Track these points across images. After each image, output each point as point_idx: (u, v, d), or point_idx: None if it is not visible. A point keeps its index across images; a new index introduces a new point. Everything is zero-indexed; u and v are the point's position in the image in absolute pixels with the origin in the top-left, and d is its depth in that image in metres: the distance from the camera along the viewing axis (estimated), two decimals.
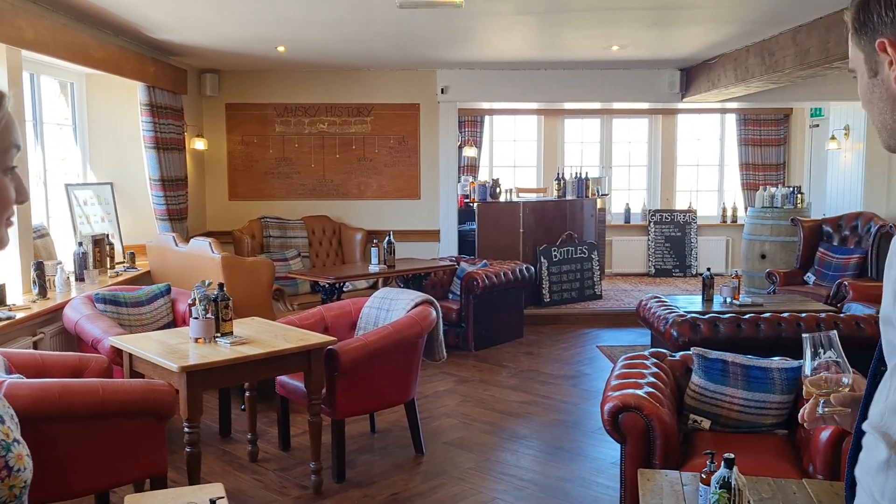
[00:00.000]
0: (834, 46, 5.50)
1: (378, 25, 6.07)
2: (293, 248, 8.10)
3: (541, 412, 5.58)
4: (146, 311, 5.16)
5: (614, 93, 8.94)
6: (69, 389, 3.26)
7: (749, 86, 7.38)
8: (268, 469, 4.52)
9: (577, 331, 8.12)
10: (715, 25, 6.18)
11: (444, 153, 8.80)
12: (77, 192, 6.48)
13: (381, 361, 4.38)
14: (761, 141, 11.08)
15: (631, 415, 3.37)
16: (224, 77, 8.56)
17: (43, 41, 4.92)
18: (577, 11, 5.65)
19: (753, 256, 9.25)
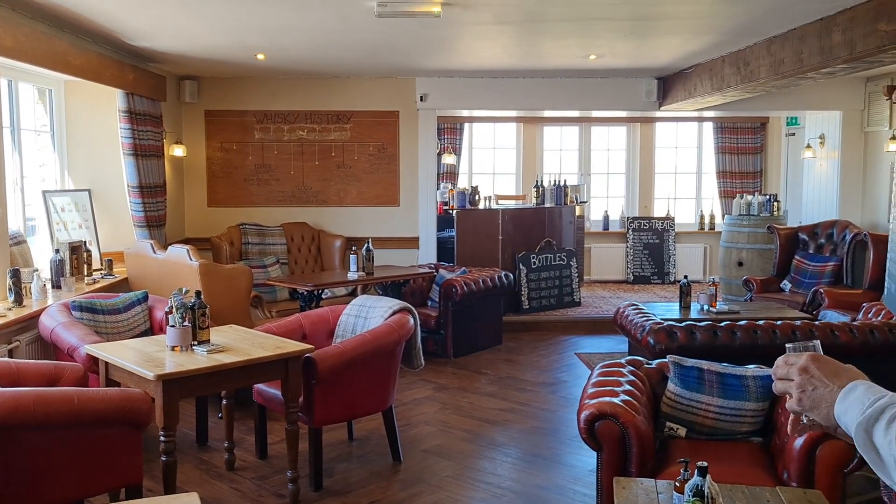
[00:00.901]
0: (807, 57, 5.58)
1: (357, 34, 6.08)
2: (272, 255, 8.08)
3: (519, 420, 5.60)
4: (123, 318, 5.13)
5: (592, 101, 9.00)
6: (44, 398, 3.24)
7: (725, 95, 7.46)
8: (245, 477, 4.51)
9: (556, 338, 8.15)
10: (691, 36, 6.24)
11: (424, 160, 8.82)
12: (55, 198, 6.44)
13: (358, 369, 4.39)
14: (738, 149, 11.20)
15: (607, 423, 3.40)
16: (203, 84, 8.54)
17: (21, 48, 4.89)
18: (554, 21, 5.70)
19: (730, 264, 9.34)
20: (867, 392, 1.18)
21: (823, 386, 1.25)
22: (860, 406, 1.16)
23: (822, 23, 5.37)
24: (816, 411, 1.27)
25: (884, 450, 1.10)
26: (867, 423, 1.14)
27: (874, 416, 1.13)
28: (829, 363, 1.28)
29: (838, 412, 1.21)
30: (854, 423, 1.16)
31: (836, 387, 1.23)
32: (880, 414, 1.13)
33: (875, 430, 1.12)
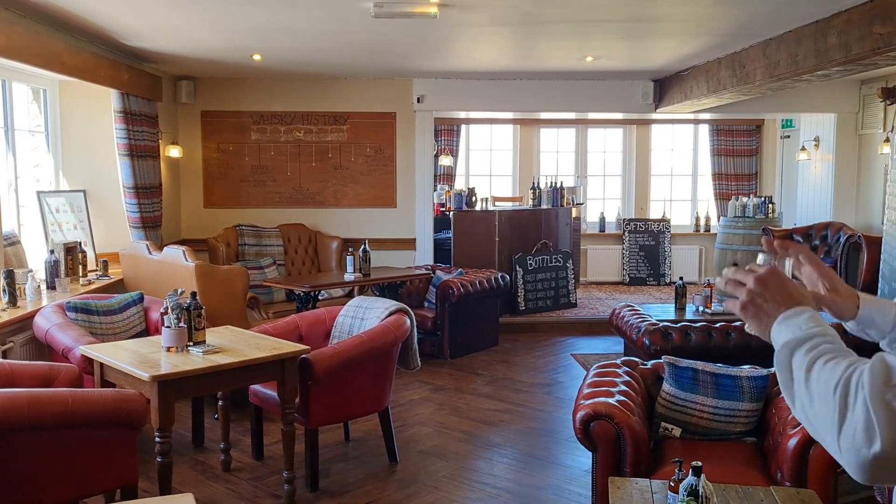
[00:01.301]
0: (803, 59, 5.60)
1: (354, 35, 6.09)
2: (269, 257, 8.08)
3: (515, 420, 5.60)
4: (118, 319, 5.13)
5: (589, 103, 9.02)
6: (38, 399, 3.24)
7: (721, 97, 7.47)
8: (241, 478, 4.51)
9: (552, 339, 8.16)
10: (687, 38, 6.26)
11: (421, 162, 8.83)
12: (49, 199, 6.43)
13: (355, 370, 4.39)
14: (734, 151, 11.22)
15: (602, 423, 3.40)
16: (200, 84, 8.54)
17: (15, 47, 4.89)
18: (550, 23, 5.71)
19: (726, 265, 9.32)
20: (808, 320, 1.21)
21: (774, 303, 1.27)
22: (795, 330, 1.20)
23: (818, 25, 5.39)
24: (756, 322, 1.30)
25: (796, 372, 1.13)
26: (793, 344, 1.17)
27: (801, 338, 1.17)
28: (787, 283, 1.31)
29: (775, 330, 1.24)
30: (782, 342, 1.20)
31: (784, 307, 1.26)
32: (807, 340, 1.16)
33: (797, 352, 1.15)
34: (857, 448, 1.00)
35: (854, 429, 1.01)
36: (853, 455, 1.01)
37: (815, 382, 1.10)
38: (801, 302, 1.27)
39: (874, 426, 0.99)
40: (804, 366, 1.13)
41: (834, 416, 1.04)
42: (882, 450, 0.98)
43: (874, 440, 0.99)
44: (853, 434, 1.01)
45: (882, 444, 0.98)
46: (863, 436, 1.00)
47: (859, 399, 1.02)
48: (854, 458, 1.01)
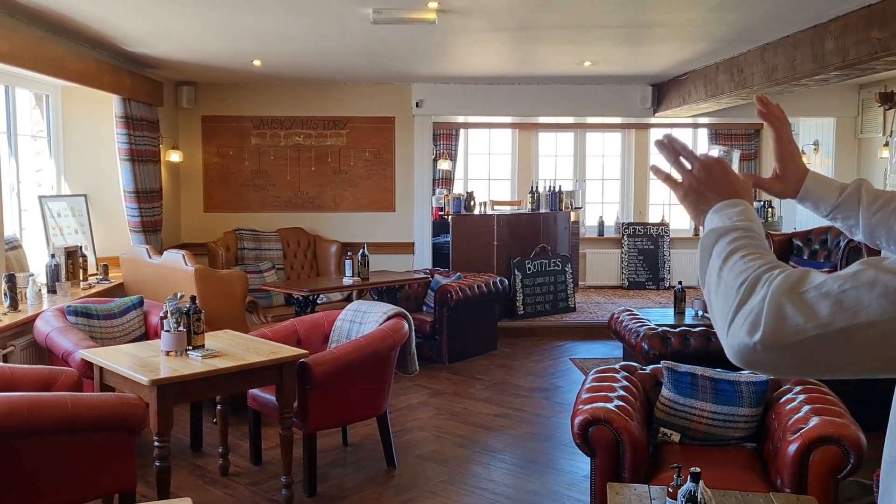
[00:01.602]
0: (800, 64, 5.61)
1: (352, 40, 6.10)
2: (268, 261, 8.09)
3: (514, 425, 5.61)
4: (118, 323, 5.14)
5: (587, 107, 9.03)
6: (38, 403, 3.25)
7: (719, 101, 7.49)
8: (239, 483, 4.51)
9: (551, 343, 8.17)
10: (685, 43, 6.27)
11: (419, 166, 8.84)
12: (51, 203, 6.44)
13: (353, 374, 4.40)
14: None
15: (600, 428, 3.41)
16: (200, 89, 8.55)
17: (18, 54, 4.90)
18: (548, 28, 5.72)
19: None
20: (740, 213, 1.24)
21: (714, 192, 1.30)
22: (726, 219, 1.23)
23: (815, 30, 5.40)
24: (694, 208, 1.32)
25: (715, 258, 1.16)
26: (720, 232, 1.20)
27: (725, 230, 1.20)
28: (731, 174, 1.32)
29: (709, 218, 1.27)
30: (710, 228, 1.24)
31: (722, 197, 1.28)
32: (732, 230, 1.19)
33: (721, 240, 1.18)
34: (742, 336, 1.03)
35: (744, 319, 1.04)
36: (736, 342, 1.04)
37: (728, 272, 1.12)
38: (740, 195, 1.29)
39: (761, 319, 1.02)
40: (723, 254, 1.15)
41: (732, 305, 1.07)
42: (760, 341, 1.01)
43: (756, 331, 1.02)
44: (742, 323, 1.04)
45: (762, 337, 1.01)
46: (749, 326, 1.03)
47: (759, 294, 1.04)
48: (736, 345, 1.04)
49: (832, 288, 1.00)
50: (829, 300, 0.99)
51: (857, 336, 0.97)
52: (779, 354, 1.01)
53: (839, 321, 0.98)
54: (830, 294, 0.99)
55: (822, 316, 0.99)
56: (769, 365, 1.04)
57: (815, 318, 0.99)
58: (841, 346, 0.98)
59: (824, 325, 0.98)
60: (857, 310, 0.97)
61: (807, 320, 0.99)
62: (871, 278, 0.98)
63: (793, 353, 1.01)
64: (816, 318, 0.99)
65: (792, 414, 3.45)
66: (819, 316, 0.99)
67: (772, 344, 1.01)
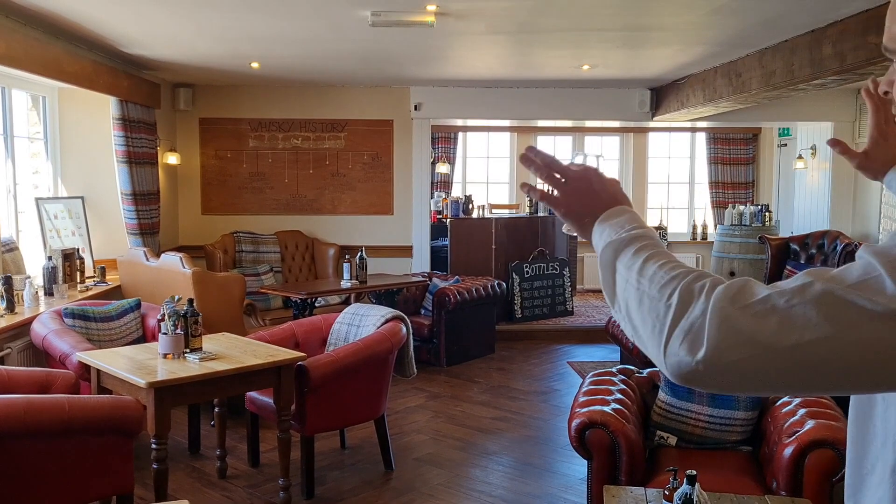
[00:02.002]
0: (798, 69, 5.63)
1: (351, 43, 6.11)
2: (266, 263, 8.09)
3: (511, 428, 5.61)
4: (115, 326, 5.13)
5: (586, 111, 9.04)
6: (35, 405, 3.24)
7: (717, 106, 7.50)
8: (237, 485, 4.51)
9: (549, 346, 8.17)
10: (683, 47, 6.29)
11: (418, 169, 8.85)
12: (48, 205, 6.44)
13: (351, 377, 4.40)
14: (730, 160, 11.25)
15: (597, 431, 3.41)
16: (198, 91, 8.56)
17: (14, 55, 4.90)
18: (547, 32, 5.73)
19: (722, 273, 9.37)
20: (630, 219, 1.19)
21: (596, 201, 1.24)
22: (618, 229, 1.17)
23: (813, 35, 5.42)
24: (576, 220, 1.26)
25: (623, 272, 1.11)
26: (619, 244, 1.14)
27: (627, 239, 1.14)
28: (606, 181, 1.26)
29: (596, 229, 1.21)
30: (605, 241, 1.17)
31: (604, 204, 1.23)
32: (634, 240, 1.13)
33: (623, 252, 1.12)
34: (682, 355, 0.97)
35: (682, 335, 0.98)
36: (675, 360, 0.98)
37: (649, 285, 1.05)
38: (622, 201, 1.24)
39: (703, 335, 0.95)
40: (634, 266, 1.09)
41: (665, 321, 1.00)
42: (703, 360, 0.95)
43: (699, 349, 0.95)
44: (680, 340, 0.97)
45: (705, 355, 0.95)
46: (689, 343, 0.96)
47: (697, 307, 0.98)
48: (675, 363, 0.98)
49: (778, 303, 0.94)
50: (775, 316, 0.93)
51: (805, 354, 0.92)
52: (723, 372, 0.95)
53: (787, 339, 0.92)
54: (777, 309, 0.94)
55: (768, 333, 0.93)
56: (713, 383, 0.98)
57: (761, 334, 0.93)
58: (788, 365, 0.93)
59: (771, 343, 0.93)
60: (805, 327, 0.92)
61: (753, 337, 0.93)
62: (818, 293, 0.93)
63: (738, 371, 0.95)
64: (763, 335, 0.93)
65: (788, 417, 3.46)
66: (766, 333, 0.93)
67: (716, 361, 0.95)
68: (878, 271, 0.91)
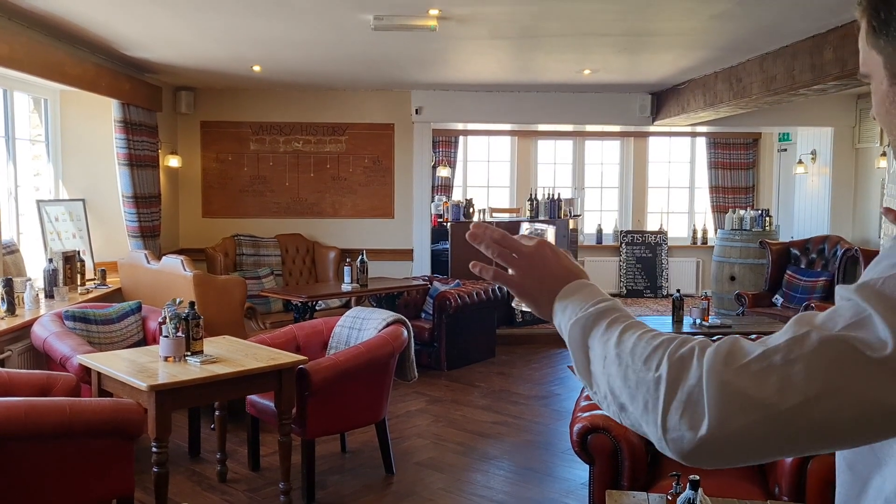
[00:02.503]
0: (799, 74, 5.63)
1: (353, 47, 6.12)
2: (266, 267, 8.08)
3: (512, 433, 5.60)
4: (116, 328, 5.13)
5: (586, 115, 9.05)
6: (36, 408, 3.24)
7: (718, 110, 7.51)
8: (237, 489, 4.50)
9: (550, 351, 8.16)
10: (684, 51, 6.29)
11: (418, 173, 8.85)
12: (49, 208, 6.44)
13: (352, 381, 4.39)
14: (730, 164, 11.25)
15: (599, 436, 3.41)
16: (199, 95, 8.56)
17: (17, 57, 4.90)
18: (549, 36, 5.74)
19: (723, 278, 9.37)
20: (592, 293, 1.12)
21: (552, 277, 1.16)
22: (581, 304, 1.10)
23: (814, 40, 5.42)
24: (534, 303, 1.18)
25: (598, 349, 1.04)
26: (586, 321, 1.07)
27: (595, 314, 1.07)
28: (561, 255, 1.19)
29: (557, 308, 1.14)
30: (570, 320, 1.10)
31: (562, 281, 1.15)
32: (603, 314, 1.06)
33: (594, 329, 1.05)
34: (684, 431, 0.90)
35: (680, 410, 0.91)
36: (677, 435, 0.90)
37: (630, 357, 0.98)
38: (579, 275, 1.17)
39: (703, 407, 0.89)
40: (611, 340, 1.02)
41: (658, 397, 0.93)
42: (708, 433, 0.88)
43: (701, 422, 0.89)
44: (678, 416, 0.90)
45: (709, 427, 0.88)
46: (689, 418, 0.90)
47: (690, 377, 0.91)
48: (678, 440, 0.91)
49: (775, 360, 0.88)
50: (775, 374, 0.87)
51: (812, 411, 0.85)
52: (731, 441, 0.89)
53: (792, 397, 0.86)
54: (775, 367, 0.87)
55: (771, 392, 0.86)
56: (721, 455, 0.91)
57: (764, 395, 0.87)
58: (798, 424, 0.87)
59: (776, 403, 0.86)
60: (809, 382, 0.86)
61: (756, 399, 0.87)
62: (815, 345, 0.87)
63: (746, 439, 0.88)
64: (766, 396, 0.87)
65: None
66: (768, 392, 0.87)
67: (721, 431, 0.88)
68: (866, 311, 0.86)
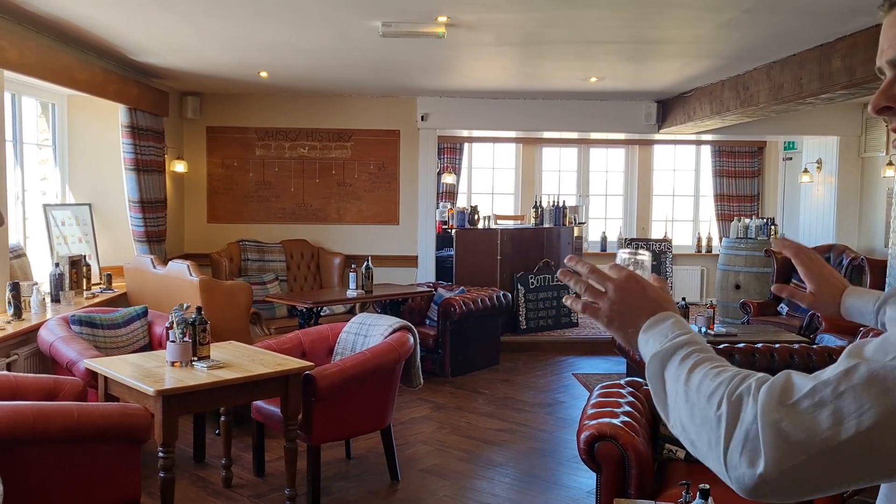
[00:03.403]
0: (807, 83, 5.63)
1: (360, 53, 6.13)
2: (271, 272, 8.08)
3: (517, 440, 5.59)
4: (122, 333, 5.13)
5: (592, 123, 9.06)
6: (43, 412, 3.24)
7: (724, 119, 7.51)
8: (242, 495, 4.49)
9: (554, 358, 8.15)
10: (691, 60, 6.30)
11: (424, 179, 8.86)
12: (55, 212, 6.45)
13: (358, 387, 4.39)
14: (736, 173, 11.25)
15: (606, 444, 3.40)
16: (206, 100, 8.58)
17: (27, 62, 4.92)
18: (555, 44, 5.75)
19: (728, 286, 9.36)
20: (674, 326, 1.14)
21: (637, 311, 1.19)
22: (662, 338, 1.13)
23: (822, 49, 5.43)
24: (622, 334, 1.21)
25: (672, 383, 1.06)
26: (663, 355, 1.09)
27: (672, 349, 1.09)
28: (648, 288, 1.22)
29: (641, 340, 1.17)
30: (651, 353, 1.12)
31: (647, 314, 1.18)
32: (678, 348, 1.09)
33: (670, 363, 1.08)
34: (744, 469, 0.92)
35: (740, 448, 0.93)
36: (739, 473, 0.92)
37: (697, 396, 1.01)
38: (665, 307, 1.19)
39: (759, 445, 0.91)
40: (681, 377, 1.05)
41: (719, 434, 0.95)
42: (765, 471, 0.90)
43: (758, 460, 0.91)
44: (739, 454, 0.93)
45: (765, 465, 0.90)
46: (749, 456, 0.92)
47: (747, 415, 0.93)
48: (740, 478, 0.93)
49: (825, 394, 0.89)
50: (826, 409, 0.88)
51: (867, 442, 0.87)
52: (789, 478, 0.90)
53: (844, 430, 0.87)
54: (826, 402, 0.89)
55: (824, 427, 0.88)
56: (782, 492, 0.92)
57: (817, 432, 0.88)
58: (854, 457, 0.88)
59: (830, 437, 0.87)
60: (861, 414, 0.87)
61: (809, 436, 0.88)
62: (865, 376, 0.88)
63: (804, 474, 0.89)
64: (819, 431, 0.88)
65: None
66: (821, 427, 0.88)
67: (779, 467, 0.89)
68: None
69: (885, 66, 1.06)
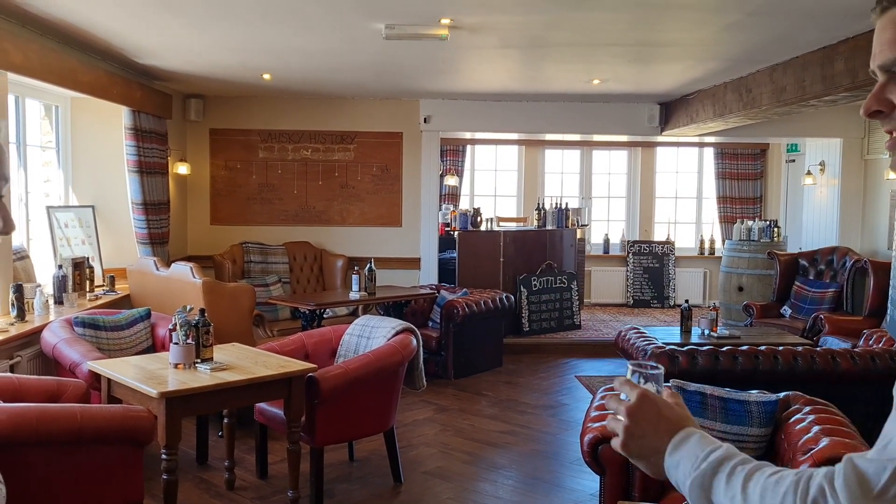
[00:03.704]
0: (809, 85, 5.63)
1: (363, 55, 6.13)
2: (274, 274, 8.09)
3: (520, 442, 5.58)
4: (125, 335, 5.14)
5: (595, 125, 9.06)
6: (46, 414, 3.24)
7: (727, 121, 7.50)
8: (245, 497, 4.49)
9: (557, 360, 8.15)
10: (693, 62, 6.30)
11: (426, 181, 8.86)
12: (58, 214, 6.46)
13: (361, 389, 4.38)
14: (738, 175, 11.25)
15: (610, 446, 3.39)
16: (209, 102, 8.59)
17: (31, 65, 4.93)
18: (558, 46, 5.75)
19: (731, 289, 9.35)
20: (700, 443, 1.07)
21: (654, 433, 1.11)
22: (693, 460, 1.05)
23: (825, 51, 5.42)
24: (644, 461, 1.14)
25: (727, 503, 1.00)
26: (703, 478, 1.03)
27: (710, 470, 1.03)
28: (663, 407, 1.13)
29: (668, 465, 1.09)
30: (688, 478, 1.05)
31: (667, 435, 1.10)
32: (718, 467, 1.02)
33: (714, 485, 1.02)
34: None
35: None
36: None
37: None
38: (685, 423, 1.11)
39: None
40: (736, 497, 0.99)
41: None
42: None
43: None
44: None
45: None
46: None
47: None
48: None
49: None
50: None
51: None
52: None
53: None
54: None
55: None
56: None
57: None
58: None
59: None
60: None
61: None
62: None
63: None
64: None
65: (802, 434, 3.43)
66: None
67: None
68: None
69: (876, 70, 1.05)
